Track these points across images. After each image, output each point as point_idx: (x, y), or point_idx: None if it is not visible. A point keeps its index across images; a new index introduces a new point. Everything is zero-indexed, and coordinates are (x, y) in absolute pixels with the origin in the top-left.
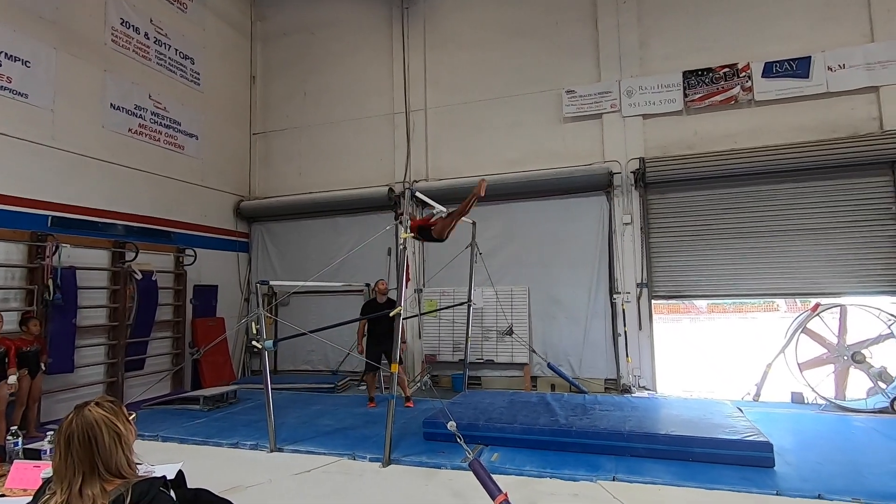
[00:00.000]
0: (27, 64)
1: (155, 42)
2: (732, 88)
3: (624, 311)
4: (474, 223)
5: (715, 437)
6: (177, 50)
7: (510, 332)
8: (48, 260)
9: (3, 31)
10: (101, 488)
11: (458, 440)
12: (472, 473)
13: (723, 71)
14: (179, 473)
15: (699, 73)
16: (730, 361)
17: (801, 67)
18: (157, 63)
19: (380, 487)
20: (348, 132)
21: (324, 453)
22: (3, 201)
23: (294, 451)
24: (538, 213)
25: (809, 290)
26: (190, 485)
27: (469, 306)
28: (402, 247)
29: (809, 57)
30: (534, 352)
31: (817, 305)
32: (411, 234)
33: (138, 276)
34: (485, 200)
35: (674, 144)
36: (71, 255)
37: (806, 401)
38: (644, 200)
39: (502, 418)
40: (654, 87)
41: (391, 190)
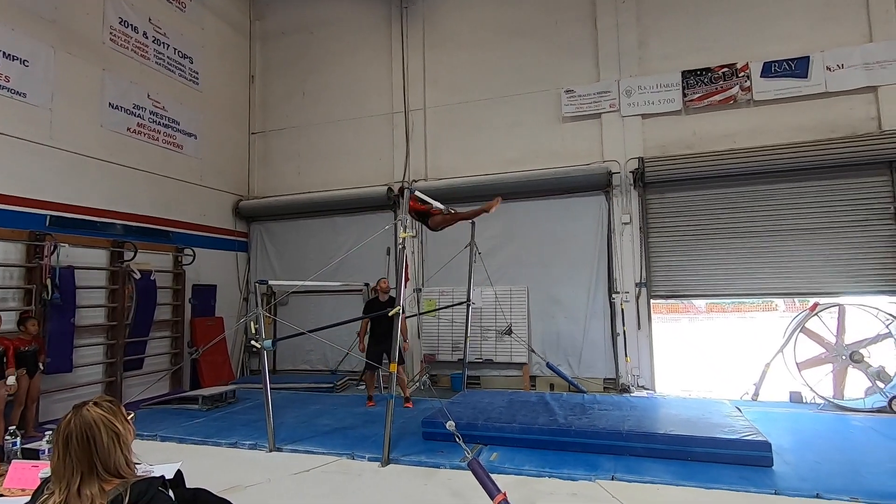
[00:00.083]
0: (25, 63)
1: (153, 41)
2: (731, 88)
3: (623, 310)
4: (473, 223)
5: (714, 437)
6: (175, 49)
7: (509, 332)
8: (46, 259)
9: (1, 31)
10: (99, 488)
11: (457, 440)
12: (471, 473)
13: (722, 71)
14: (178, 473)
15: (698, 72)
16: (728, 361)
17: (799, 67)
18: (156, 62)
19: (379, 487)
20: (347, 132)
21: (323, 453)
22: (1, 200)
23: (293, 450)
24: (537, 212)
25: (808, 290)
26: (189, 484)
27: (468, 306)
28: (401, 246)
29: (808, 57)
30: (533, 351)
31: (816, 305)
32: (412, 214)
33: (137, 276)
34: (484, 200)
35: (673, 144)
36: (69, 254)
37: (804, 400)
38: (643, 200)
39: (501, 418)
40: (653, 86)
41: (390, 189)
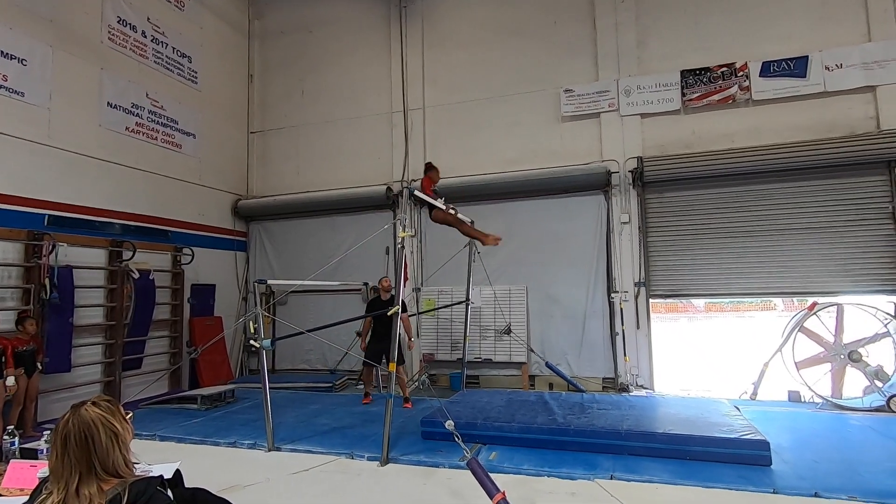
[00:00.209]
0: (23, 62)
1: (152, 40)
2: (730, 88)
3: (622, 310)
4: (472, 222)
5: (712, 436)
6: (174, 48)
7: (508, 331)
8: (45, 259)
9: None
10: (97, 488)
11: (457, 439)
12: (470, 472)
13: (720, 70)
14: (177, 473)
15: (697, 72)
16: (727, 360)
17: (798, 67)
18: (155, 61)
19: (378, 486)
20: (346, 131)
21: (322, 452)
22: None
23: (292, 450)
24: (536, 212)
25: (806, 289)
26: (188, 484)
27: (467, 305)
28: (400, 246)
29: (807, 56)
30: (532, 351)
31: (814, 304)
32: (422, 193)
33: (136, 275)
34: (483, 200)
35: (672, 144)
36: (68, 254)
37: (803, 399)
38: (642, 199)
39: (500, 417)
40: (651, 86)
41: (389, 189)
